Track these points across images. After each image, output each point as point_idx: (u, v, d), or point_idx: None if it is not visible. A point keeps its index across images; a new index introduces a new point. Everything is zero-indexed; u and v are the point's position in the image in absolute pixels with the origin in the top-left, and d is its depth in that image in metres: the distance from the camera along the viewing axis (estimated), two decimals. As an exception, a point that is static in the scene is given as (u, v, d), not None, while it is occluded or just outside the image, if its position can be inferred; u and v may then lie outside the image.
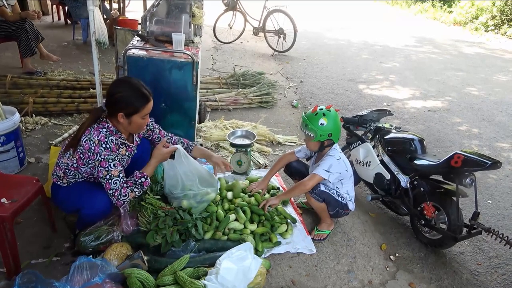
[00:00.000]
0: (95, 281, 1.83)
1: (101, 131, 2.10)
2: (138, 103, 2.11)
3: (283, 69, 6.81)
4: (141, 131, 2.36)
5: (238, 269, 2.00)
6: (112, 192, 2.10)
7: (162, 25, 3.21)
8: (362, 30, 11.26)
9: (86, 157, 2.10)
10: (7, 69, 4.87)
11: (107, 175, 2.08)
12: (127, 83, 2.18)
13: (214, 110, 4.63)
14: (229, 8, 7.85)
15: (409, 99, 5.99)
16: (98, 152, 2.06)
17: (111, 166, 2.08)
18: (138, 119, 2.15)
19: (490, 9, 12.21)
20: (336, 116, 2.54)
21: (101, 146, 2.06)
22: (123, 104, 2.09)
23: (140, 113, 2.13)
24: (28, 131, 3.62)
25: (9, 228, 1.99)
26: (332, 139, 2.54)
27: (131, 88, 2.12)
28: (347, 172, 2.62)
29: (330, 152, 2.58)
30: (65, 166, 2.21)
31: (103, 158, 2.06)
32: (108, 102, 2.14)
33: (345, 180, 2.65)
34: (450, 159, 2.49)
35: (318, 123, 2.47)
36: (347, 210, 2.68)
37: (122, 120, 2.12)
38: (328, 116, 2.48)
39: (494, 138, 4.84)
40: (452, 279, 2.56)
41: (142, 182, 2.21)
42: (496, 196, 3.60)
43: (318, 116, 2.48)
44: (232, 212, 2.66)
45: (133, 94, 2.11)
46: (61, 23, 7.92)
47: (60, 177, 2.25)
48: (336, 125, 2.52)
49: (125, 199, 2.13)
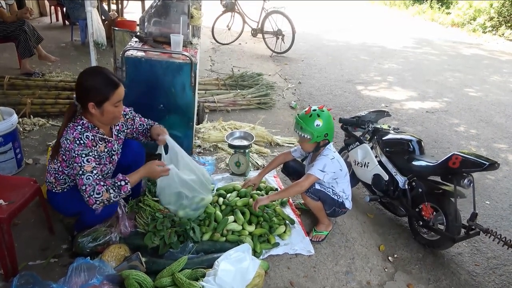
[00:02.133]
0: (92, 282, 1.82)
1: (76, 128, 2.03)
2: (106, 90, 2.03)
3: (281, 70, 6.82)
4: (117, 121, 2.25)
5: (236, 270, 2.00)
6: (84, 188, 1.96)
7: (161, 26, 3.21)
8: (360, 32, 11.28)
9: (67, 157, 2.04)
10: (5, 70, 4.86)
11: (79, 170, 1.97)
12: (93, 72, 2.11)
13: (212, 111, 4.63)
14: (228, 9, 7.86)
15: (407, 100, 6.00)
16: (72, 148, 1.98)
17: (83, 161, 1.99)
18: (110, 107, 2.05)
19: (488, 11, 12.26)
20: (329, 115, 2.54)
21: (75, 142, 1.99)
22: (91, 93, 2.01)
23: (110, 100, 2.04)
24: (26, 132, 3.61)
25: (7, 229, 1.98)
26: (328, 138, 2.55)
27: (98, 76, 2.05)
28: (342, 171, 2.62)
29: (323, 152, 2.58)
30: (54, 171, 2.16)
31: (77, 154, 1.98)
32: (78, 95, 2.06)
33: (340, 179, 2.65)
34: (448, 160, 2.50)
35: (314, 125, 2.47)
36: (344, 208, 2.68)
37: (94, 111, 2.03)
38: (323, 116, 2.48)
39: (492, 139, 4.85)
40: (450, 280, 2.56)
41: (121, 186, 2.04)
42: (494, 197, 3.61)
43: (313, 117, 2.47)
44: (230, 213, 2.66)
45: (101, 81, 2.03)
46: (59, 24, 7.91)
47: (52, 183, 2.20)
48: (330, 124, 2.53)
49: (98, 197, 1.96)
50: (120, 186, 2.04)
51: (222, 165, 3.48)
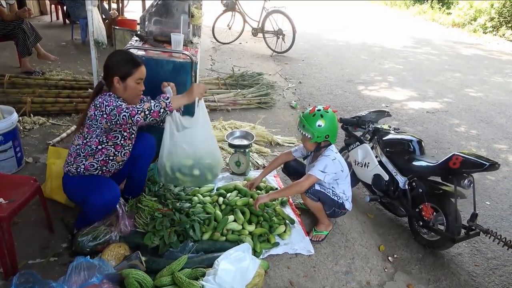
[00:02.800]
0: (92, 281, 1.82)
1: (104, 96, 2.19)
2: (130, 65, 2.22)
3: (281, 70, 6.81)
4: (137, 99, 2.34)
5: (236, 270, 2.00)
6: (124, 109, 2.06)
7: (161, 25, 3.20)
8: (361, 32, 11.28)
9: (94, 119, 2.14)
10: (5, 69, 4.85)
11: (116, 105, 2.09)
12: (118, 52, 2.39)
13: (212, 110, 4.62)
14: (228, 9, 7.86)
15: (407, 100, 6.00)
16: (105, 99, 2.13)
17: (118, 101, 2.14)
18: (132, 82, 2.23)
19: (489, 11, 12.26)
20: (334, 117, 2.54)
21: (106, 99, 2.14)
22: (116, 68, 2.21)
23: (133, 75, 2.22)
24: (26, 131, 3.61)
25: (7, 228, 1.98)
26: (329, 140, 2.55)
27: (122, 54, 2.32)
28: (343, 172, 2.61)
29: (325, 153, 2.58)
30: (76, 148, 2.26)
31: (112, 100, 2.13)
32: (105, 72, 2.25)
33: (341, 180, 2.65)
34: (449, 161, 2.49)
35: (316, 125, 2.47)
36: (343, 209, 2.68)
37: (118, 85, 2.21)
38: (326, 118, 2.48)
39: (492, 140, 4.85)
40: (450, 280, 2.56)
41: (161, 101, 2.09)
42: (494, 197, 3.61)
43: (316, 117, 2.48)
44: (230, 213, 2.66)
45: (125, 58, 2.26)
46: (59, 23, 7.90)
47: (70, 164, 2.29)
48: (333, 126, 2.52)
49: (140, 107, 2.05)
50: (159, 99, 2.17)
51: (222, 164, 3.47)
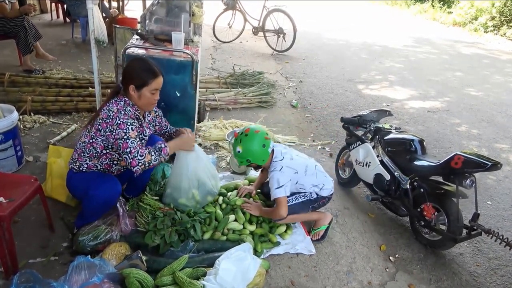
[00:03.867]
0: (93, 281, 1.82)
1: (119, 103, 2.21)
2: (147, 76, 2.23)
3: (282, 69, 6.80)
4: (151, 108, 2.42)
5: (237, 269, 1.99)
6: (129, 150, 2.11)
7: (162, 24, 3.19)
8: (362, 31, 11.27)
9: (104, 126, 2.17)
10: (6, 67, 4.84)
11: (124, 135, 2.13)
12: (139, 59, 2.36)
13: (213, 109, 4.62)
14: (229, 8, 7.84)
15: (408, 99, 5.99)
16: (117, 116, 2.15)
17: (129, 129, 2.16)
18: (147, 93, 2.24)
19: (490, 10, 12.25)
20: (252, 139, 2.49)
21: (120, 113, 2.17)
22: (133, 76, 2.23)
23: (149, 86, 2.23)
24: (26, 129, 3.60)
25: (7, 227, 1.98)
26: (255, 163, 2.54)
27: (142, 63, 2.29)
28: (297, 174, 2.56)
29: (270, 169, 2.54)
30: (82, 146, 2.27)
31: (122, 121, 2.15)
32: (123, 77, 2.28)
33: (301, 178, 2.59)
34: (450, 160, 2.49)
35: (236, 151, 2.54)
36: (323, 199, 2.67)
37: (133, 93, 2.23)
38: (244, 141, 2.50)
39: (494, 139, 4.84)
40: (452, 280, 2.56)
41: (161, 148, 2.22)
42: (495, 197, 3.60)
43: (235, 144, 2.55)
44: (231, 212, 2.65)
45: (143, 67, 2.25)
46: (59, 21, 7.89)
47: (74, 160, 2.31)
48: (252, 149, 2.49)
49: (141, 159, 2.11)
50: (160, 149, 2.22)
51: (223, 163, 3.47)
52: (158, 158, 2.19)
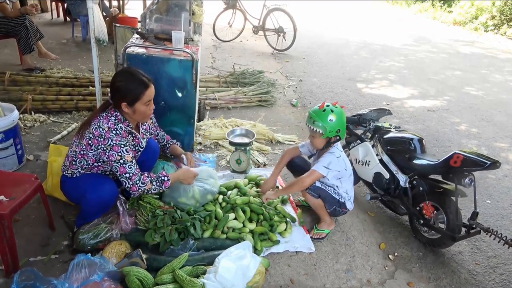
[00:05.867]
0: (93, 279, 1.83)
1: (110, 119, 2.16)
2: (138, 90, 2.15)
3: (282, 67, 6.80)
4: (147, 119, 2.39)
5: (237, 267, 2.00)
6: (129, 176, 2.12)
7: (162, 23, 3.20)
8: (362, 30, 11.26)
9: (95, 143, 2.13)
10: (6, 66, 4.85)
11: (120, 159, 2.12)
12: (125, 73, 2.25)
13: (213, 108, 4.62)
14: (229, 7, 7.84)
15: (408, 98, 5.99)
16: (109, 137, 2.11)
17: (123, 151, 2.13)
18: (141, 106, 2.19)
19: (490, 9, 12.23)
20: (342, 113, 2.53)
21: (111, 132, 2.12)
22: (123, 93, 2.15)
23: (141, 100, 2.17)
24: (26, 128, 3.61)
25: (8, 225, 1.98)
26: (340, 135, 2.54)
27: (129, 77, 2.18)
28: (346, 171, 2.61)
29: (330, 150, 2.58)
30: (72, 154, 2.25)
31: (115, 143, 2.11)
32: (111, 95, 2.20)
33: (344, 178, 2.65)
34: (449, 159, 2.49)
35: (327, 119, 2.44)
36: (344, 209, 2.67)
37: (126, 110, 2.18)
38: (336, 112, 2.47)
39: (493, 138, 4.85)
40: (451, 278, 2.56)
41: (163, 181, 2.25)
42: (495, 196, 3.61)
43: (327, 113, 2.46)
44: (230, 211, 2.66)
45: (132, 82, 2.16)
46: (60, 20, 7.89)
47: (66, 167, 2.30)
48: (343, 121, 2.52)
49: (142, 186, 2.15)
50: (162, 181, 2.25)
51: (223, 162, 3.48)
52: (157, 188, 2.24)
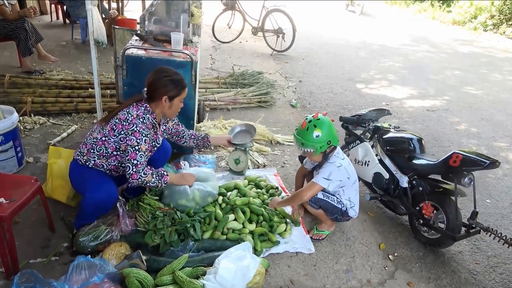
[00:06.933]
0: (93, 280, 1.83)
1: (140, 108, 2.26)
2: (179, 87, 2.32)
3: (282, 68, 6.81)
4: (175, 116, 2.51)
5: (236, 268, 2.00)
6: (136, 163, 2.18)
7: (161, 24, 3.20)
8: (361, 30, 11.26)
9: (119, 128, 2.21)
10: (6, 69, 4.85)
11: (136, 145, 2.19)
12: (169, 70, 2.38)
13: (213, 109, 4.62)
14: (228, 8, 7.84)
15: (407, 98, 5.99)
16: (135, 123, 2.20)
17: (142, 140, 2.21)
18: (177, 102, 2.35)
19: (489, 9, 12.25)
20: (326, 121, 2.45)
21: (139, 119, 2.22)
22: (169, 88, 2.28)
23: (180, 96, 2.34)
24: (26, 130, 3.61)
25: (8, 227, 1.99)
26: (333, 144, 2.47)
27: (174, 75, 2.34)
28: (349, 180, 2.55)
29: (331, 159, 2.52)
30: (93, 141, 2.29)
31: (138, 130, 2.20)
32: (152, 88, 2.28)
33: (347, 187, 2.58)
34: (449, 159, 2.49)
35: (313, 137, 2.40)
36: (347, 217, 2.64)
37: (165, 103, 2.29)
38: (320, 126, 2.41)
39: (493, 138, 4.85)
40: (451, 278, 2.57)
41: (163, 175, 2.32)
42: (494, 195, 3.61)
43: (310, 130, 2.41)
44: (230, 212, 2.66)
45: (176, 79, 2.32)
46: (59, 23, 7.90)
47: (82, 154, 2.33)
48: (330, 129, 2.45)
49: (143, 177, 2.20)
50: (162, 175, 2.32)
51: (223, 163, 3.48)
52: (156, 182, 2.29)
